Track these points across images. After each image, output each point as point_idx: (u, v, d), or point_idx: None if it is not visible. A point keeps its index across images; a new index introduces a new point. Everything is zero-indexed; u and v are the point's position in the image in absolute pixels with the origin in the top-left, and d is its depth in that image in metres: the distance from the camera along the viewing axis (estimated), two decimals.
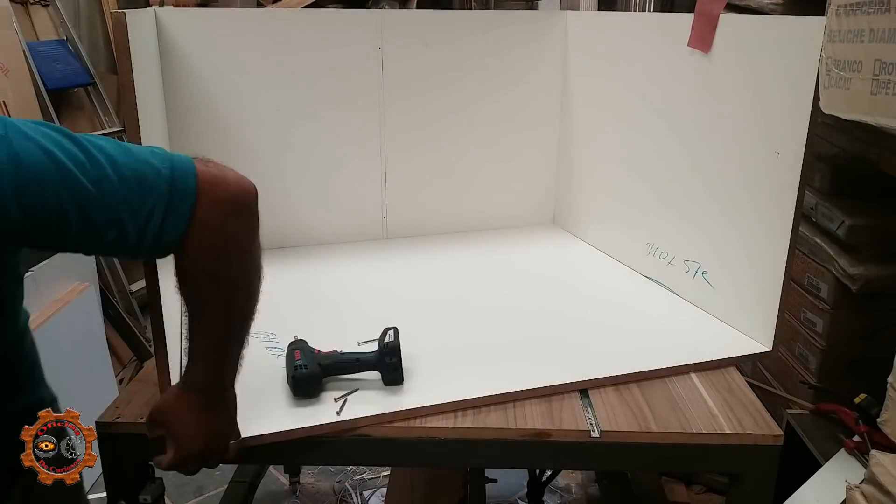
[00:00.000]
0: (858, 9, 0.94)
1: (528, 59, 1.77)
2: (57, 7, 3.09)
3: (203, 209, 0.80)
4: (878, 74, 0.90)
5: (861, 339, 1.53)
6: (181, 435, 0.93)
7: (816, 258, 1.57)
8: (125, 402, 1.12)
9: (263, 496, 2.21)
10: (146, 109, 1.08)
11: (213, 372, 0.92)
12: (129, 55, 0.94)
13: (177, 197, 0.79)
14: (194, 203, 0.79)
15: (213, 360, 0.91)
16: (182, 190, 0.79)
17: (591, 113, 1.73)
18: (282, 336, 1.27)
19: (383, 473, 2.29)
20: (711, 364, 1.23)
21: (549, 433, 1.05)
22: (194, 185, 0.79)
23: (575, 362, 1.21)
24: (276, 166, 1.69)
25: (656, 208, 1.52)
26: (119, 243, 0.79)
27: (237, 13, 2.03)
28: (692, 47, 1.34)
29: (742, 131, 1.26)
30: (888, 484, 0.89)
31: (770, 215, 1.22)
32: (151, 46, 1.42)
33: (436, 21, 1.70)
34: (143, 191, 0.77)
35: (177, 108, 1.57)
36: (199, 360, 0.91)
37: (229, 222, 0.82)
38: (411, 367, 1.16)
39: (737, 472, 1.09)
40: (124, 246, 0.80)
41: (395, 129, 1.74)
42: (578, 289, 1.55)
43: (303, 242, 1.77)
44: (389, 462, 1.79)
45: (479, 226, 1.89)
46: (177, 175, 0.79)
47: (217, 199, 0.81)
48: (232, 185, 0.82)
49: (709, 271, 1.40)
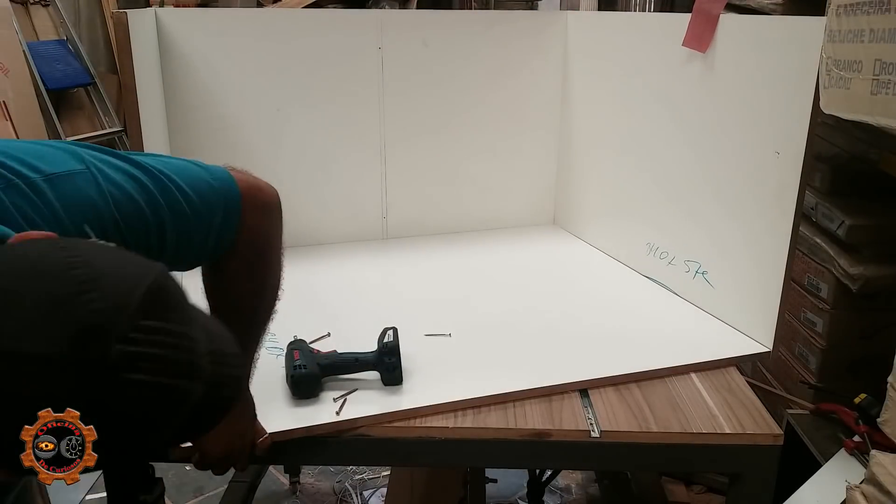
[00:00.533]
0: (858, 9, 0.93)
1: (528, 59, 1.77)
2: (57, 7, 3.09)
3: (248, 214, 0.86)
4: (878, 74, 0.90)
5: (861, 339, 1.53)
6: (204, 439, 0.93)
7: (816, 258, 1.57)
8: None
9: (263, 496, 2.21)
10: (147, 109, 1.09)
11: None
12: (131, 55, 0.95)
13: (230, 206, 0.85)
14: (241, 209, 0.85)
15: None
16: (232, 199, 0.85)
17: (590, 113, 1.73)
18: (281, 336, 1.27)
19: (383, 473, 2.29)
20: (711, 364, 1.23)
21: (549, 433, 1.05)
22: (238, 192, 0.85)
23: (575, 362, 1.21)
24: (277, 166, 1.69)
25: (656, 208, 1.52)
26: (194, 256, 0.85)
27: (237, 13, 2.03)
28: (687, 47, 1.34)
29: (742, 131, 1.26)
30: (888, 484, 0.89)
31: (770, 215, 1.22)
32: (152, 46, 1.42)
33: (436, 21, 1.71)
34: (206, 207, 0.83)
35: (177, 108, 1.57)
36: None
37: (268, 224, 0.89)
38: (410, 367, 1.16)
39: (737, 472, 1.09)
40: (198, 257, 0.86)
41: (395, 129, 1.74)
42: (578, 289, 1.55)
43: (302, 242, 1.77)
44: (389, 462, 1.79)
45: (478, 226, 1.89)
46: (224, 185, 0.85)
47: (257, 203, 0.87)
48: (265, 190, 0.89)
49: (709, 271, 1.40)
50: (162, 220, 0.79)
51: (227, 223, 0.85)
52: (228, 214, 0.85)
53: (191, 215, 0.81)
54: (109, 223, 0.74)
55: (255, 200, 0.87)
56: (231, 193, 0.85)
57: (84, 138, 3.03)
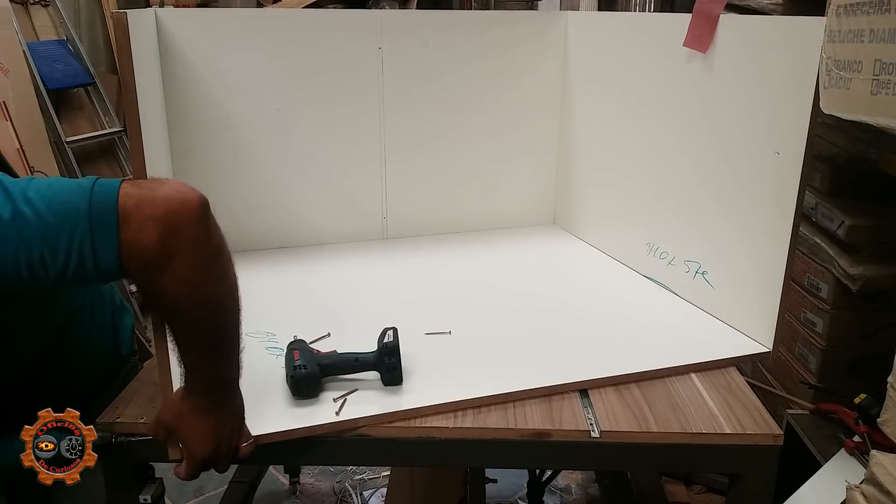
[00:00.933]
0: (858, 9, 0.93)
1: (528, 59, 1.77)
2: (57, 7, 3.09)
3: (130, 231, 0.81)
4: (878, 74, 0.90)
5: (861, 339, 1.53)
6: (191, 438, 0.94)
7: (816, 258, 1.57)
8: (125, 401, 1.12)
9: (263, 496, 2.21)
10: (146, 109, 1.08)
11: (209, 376, 0.93)
12: (131, 55, 0.94)
13: (99, 226, 0.81)
14: (118, 228, 0.81)
15: (205, 367, 0.92)
16: (103, 218, 0.81)
17: (591, 113, 1.73)
18: (281, 336, 1.27)
19: (383, 473, 2.29)
20: (711, 364, 1.23)
21: (549, 433, 1.05)
22: (115, 211, 0.81)
23: (575, 362, 1.21)
24: (276, 166, 1.69)
25: (656, 208, 1.52)
26: (63, 275, 0.82)
27: (237, 13, 2.03)
28: (688, 47, 1.34)
29: (742, 131, 1.26)
30: (888, 484, 0.89)
31: (770, 215, 1.22)
32: (152, 46, 1.42)
33: (436, 21, 1.70)
34: (60, 226, 0.80)
35: (177, 108, 1.57)
36: (192, 371, 0.92)
37: (163, 240, 0.82)
38: (410, 367, 1.16)
39: (737, 472, 1.09)
40: (72, 277, 0.82)
41: (395, 129, 1.74)
42: (578, 289, 1.55)
43: (302, 242, 1.77)
44: (389, 462, 1.79)
45: (479, 226, 1.89)
46: (95, 206, 0.81)
47: (143, 219, 0.81)
48: (159, 203, 0.82)
49: (709, 271, 1.40)
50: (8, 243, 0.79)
51: (101, 241, 0.81)
52: (100, 233, 0.81)
53: (39, 234, 0.80)
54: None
55: (141, 215, 0.81)
56: (102, 212, 0.81)
57: (84, 138, 3.03)
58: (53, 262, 0.81)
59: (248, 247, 1.69)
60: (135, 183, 0.84)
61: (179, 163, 1.57)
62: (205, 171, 1.61)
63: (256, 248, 1.71)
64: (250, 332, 0.93)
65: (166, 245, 0.82)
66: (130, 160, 1.27)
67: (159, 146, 1.40)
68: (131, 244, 0.81)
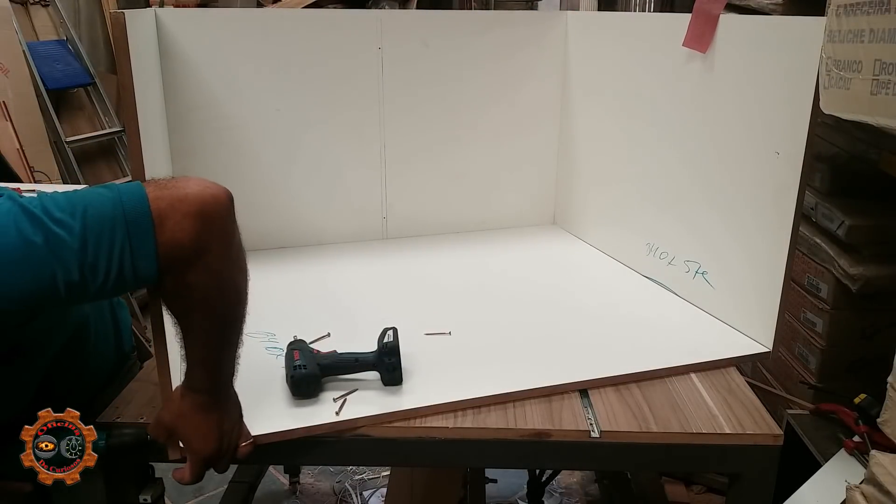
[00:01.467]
0: (858, 9, 0.93)
1: (528, 59, 1.77)
2: (57, 7, 3.09)
3: (166, 233, 0.81)
4: (878, 74, 0.90)
5: (861, 339, 1.53)
6: (193, 437, 0.94)
7: (816, 258, 1.57)
8: (125, 401, 1.12)
9: (263, 496, 2.21)
10: (146, 109, 1.09)
11: (213, 370, 0.93)
12: (129, 55, 0.94)
13: (136, 233, 0.81)
14: (154, 232, 0.81)
15: (213, 363, 0.93)
16: (138, 225, 0.81)
17: (591, 113, 1.73)
18: (281, 336, 1.27)
19: (383, 473, 2.29)
20: (711, 364, 1.23)
21: (549, 433, 1.05)
22: (149, 215, 0.81)
23: (575, 362, 1.21)
24: (276, 166, 1.69)
25: (656, 208, 1.52)
26: (103, 288, 0.81)
27: (237, 13, 2.03)
28: (688, 47, 1.34)
29: (742, 131, 1.26)
30: (888, 484, 0.89)
31: (770, 215, 1.22)
32: (151, 46, 1.42)
33: (436, 21, 1.70)
34: (99, 242, 0.79)
35: (177, 108, 1.57)
36: (198, 366, 0.92)
37: (199, 236, 0.83)
38: (410, 367, 1.16)
39: (737, 472, 1.09)
40: (111, 288, 0.82)
41: (395, 129, 1.74)
42: (578, 289, 1.55)
43: (302, 242, 1.77)
44: (389, 462, 1.79)
45: (479, 226, 1.89)
46: (129, 214, 0.81)
47: (179, 218, 0.82)
48: (192, 200, 0.83)
49: (709, 271, 1.40)
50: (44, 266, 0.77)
51: (139, 248, 0.81)
52: (137, 240, 0.81)
53: (76, 252, 0.79)
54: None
55: (176, 215, 0.82)
56: (136, 219, 0.81)
57: (84, 138, 3.03)
58: (94, 278, 0.80)
59: (247, 247, 1.67)
60: (157, 184, 0.84)
61: (179, 163, 1.57)
62: (205, 172, 1.59)
63: (256, 248, 1.71)
64: (250, 332, 0.93)
65: (202, 240, 0.83)
66: (129, 160, 1.27)
67: (159, 146, 1.40)
68: (169, 244, 0.82)
